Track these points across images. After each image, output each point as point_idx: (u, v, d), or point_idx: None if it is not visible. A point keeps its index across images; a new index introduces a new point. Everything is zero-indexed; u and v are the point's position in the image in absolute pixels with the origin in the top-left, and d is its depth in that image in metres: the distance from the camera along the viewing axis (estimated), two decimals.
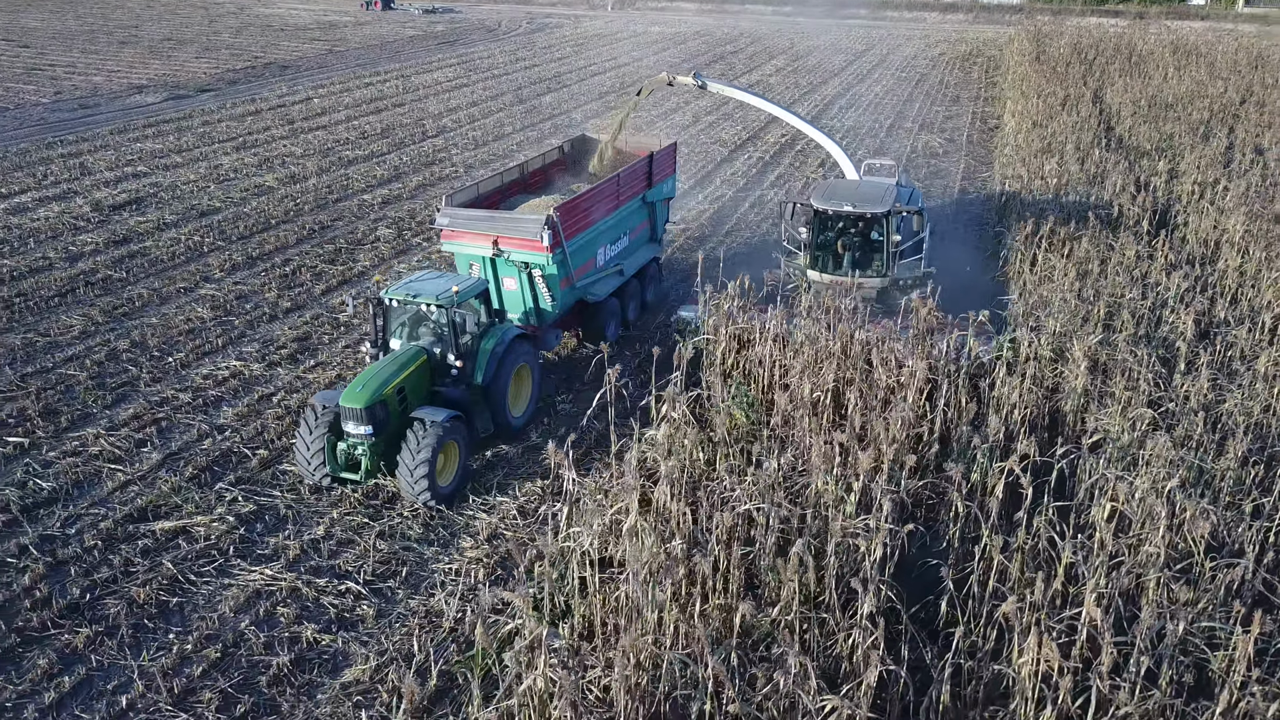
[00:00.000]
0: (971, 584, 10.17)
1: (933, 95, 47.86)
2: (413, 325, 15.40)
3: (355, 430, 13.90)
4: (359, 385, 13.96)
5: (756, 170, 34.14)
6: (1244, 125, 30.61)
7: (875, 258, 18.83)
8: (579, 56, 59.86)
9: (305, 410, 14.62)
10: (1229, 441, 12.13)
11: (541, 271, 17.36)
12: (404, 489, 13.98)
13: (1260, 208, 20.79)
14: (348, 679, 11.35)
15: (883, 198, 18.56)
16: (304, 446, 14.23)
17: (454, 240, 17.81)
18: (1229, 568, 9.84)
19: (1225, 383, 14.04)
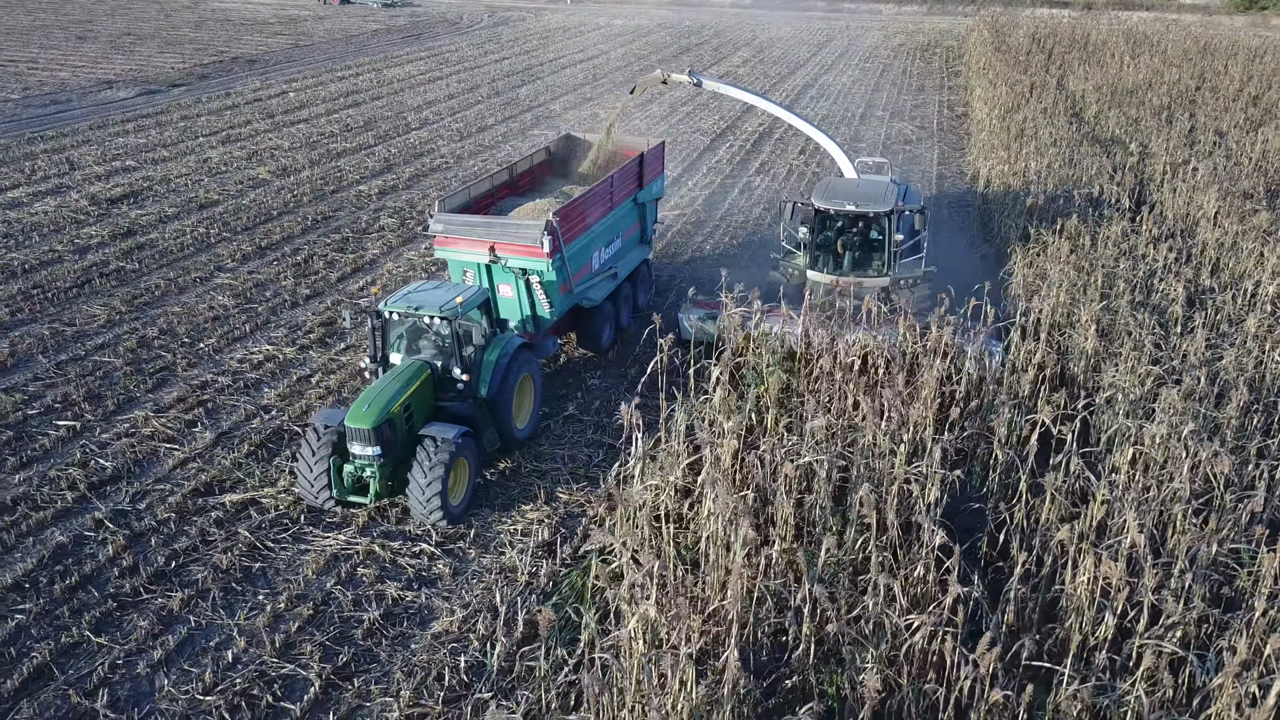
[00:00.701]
0: (1019, 521, 11.24)
1: (898, 84, 49.28)
2: (413, 338, 14.78)
3: (362, 451, 13.35)
4: (364, 404, 13.34)
5: (739, 158, 35.14)
6: (1203, 110, 32.29)
7: (876, 257, 18.55)
8: (546, 50, 60.38)
9: (306, 431, 13.90)
10: (1231, 393, 13.37)
11: (540, 278, 16.92)
12: (415, 510, 13.57)
13: (1230, 186, 22.25)
14: (437, 630, 12.13)
15: (885, 196, 18.32)
16: (306, 469, 13.65)
17: (447, 247, 17.30)
18: (1246, 500, 11.03)
19: (1219, 342, 15.33)
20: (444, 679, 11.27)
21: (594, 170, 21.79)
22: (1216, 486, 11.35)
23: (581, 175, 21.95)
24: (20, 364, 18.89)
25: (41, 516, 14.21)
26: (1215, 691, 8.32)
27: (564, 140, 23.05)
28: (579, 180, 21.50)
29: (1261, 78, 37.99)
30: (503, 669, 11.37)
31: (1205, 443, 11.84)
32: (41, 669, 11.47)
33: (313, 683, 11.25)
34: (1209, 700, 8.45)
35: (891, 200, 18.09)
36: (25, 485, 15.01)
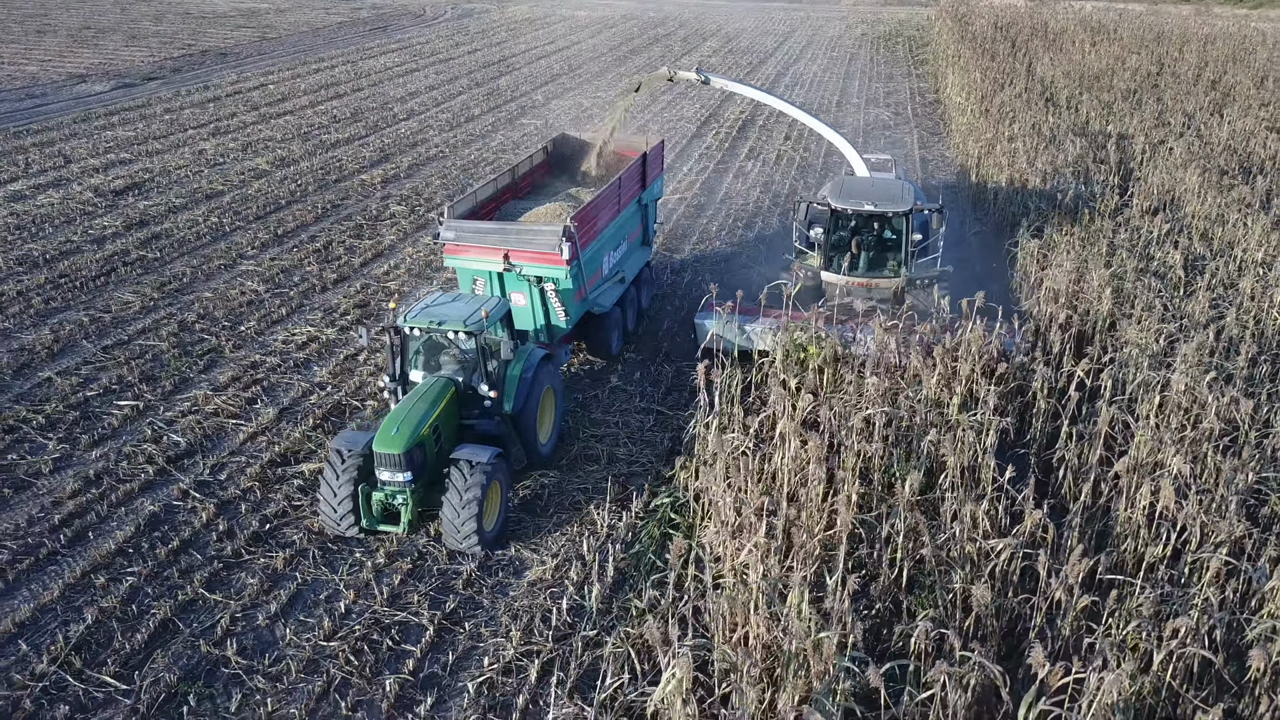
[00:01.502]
0: (1069, 460, 12.42)
1: (867, 73, 50.69)
2: (433, 354, 14.08)
3: (392, 477, 12.71)
4: (392, 427, 12.67)
5: (727, 144, 36.17)
6: (1167, 93, 34.03)
7: (891, 257, 18.27)
8: (516, 41, 60.89)
9: (327, 456, 13.03)
10: (1241, 346, 14.72)
11: (555, 285, 16.41)
12: (448, 537, 12.89)
13: (1206, 163, 23.80)
14: (532, 578, 13.00)
15: (903, 196, 18.04)
16: (330, 498, 12.89)
17: (458, 255, 16.64)
18: (1270, 435, 12.31)
19: (1219, 302, 16.72)
20: (549, 619, 12.14)
21: (596, 171, 21.23)
22: (1242, 425, 12.63)
23: (583, 176, 21.31)
24: (66, 349, 19.29)
25: (128, 488, 14.78)
26: (1269, 593, 9.52)
27: (560, 139, 22.26)
28: (581, 181, 20.99)
29: (1216, 62, 39.94)
30: (600, 609, 12.27)
31: (1224, 388, 13.12)
32: (165, 623, 12.13)
33: (426, 627, 12.06)
34: (1263, 602, 9.65)
35: (910, 200, 17.87)
36: (103, 461, 15.54)
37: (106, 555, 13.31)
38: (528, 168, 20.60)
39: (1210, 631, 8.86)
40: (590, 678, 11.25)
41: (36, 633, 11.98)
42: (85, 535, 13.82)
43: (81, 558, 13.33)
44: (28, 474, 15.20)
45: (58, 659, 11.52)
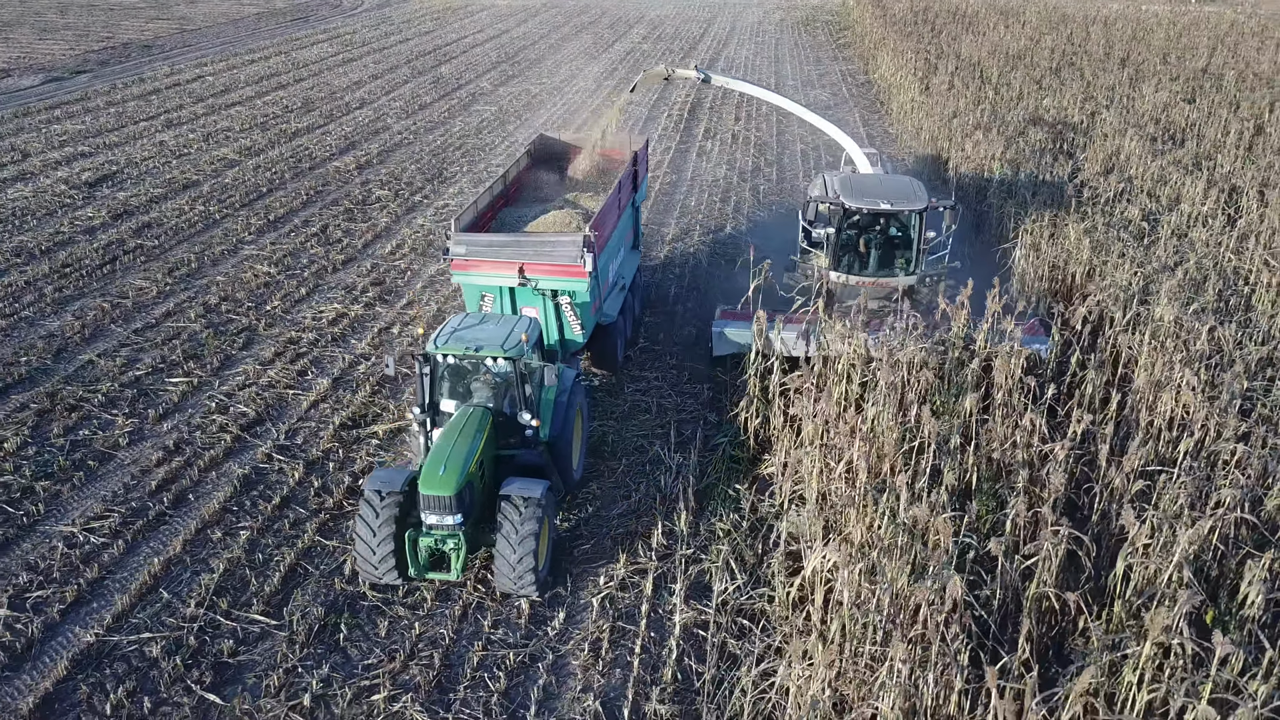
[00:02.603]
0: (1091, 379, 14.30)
1: (795, 57, 52.80)
2: (464, 381, 13.04)
3: (440, 521, 11.73)
4: (438, 466, 11.69)
5: (681, 126, 37.65)
6: (1086, 71, 36.84)
7: (902, 255, 17.63)
8: (445, 30, 61.23)
9: (362, 502, 11.91)
10: (1207, 283, 16.92)
11: (572, 299, 15.57)
12: (502, 581, 11.91)
13: (1139, 131, 26.32)
14: (622, 510, 14.31)
15: (916, 193, 17.41)
16: (367, 547, 11.77)
17: (468, 270, 15.62)
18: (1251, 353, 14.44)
19: (1181, 248, 18.98)
20: (650, 541, 13.49)
21: (586, 174, 20.42)
22: (1225, 346, 14.74)
23: (571, 179, 20.41)
24: (96, 334, 19.66)
25: (212, 455, 15.52)
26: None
27: (540, 141, 21.34)
28: (570, 185, 20.12)
29: (1122, 42, 43.17)
30: (689, 531, 13.68)
31: (1204, 316, 15.23)
32: (293, 567, 13.05)
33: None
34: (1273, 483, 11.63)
35: (924, 197, 17.22)
36: (175, 433, 16.20)
37: (214, 514, 14.09)
38: (516, 172, 19.53)
39: (1241, 503, 10.74)
40: (697, 588, 12.65)
41: (172, 583, 12.77)
42: (185, 498, 14.55)
43: (189, 517, 14.09)
44: (105, 447, 15.77)
45: (203, 602, 12.35)
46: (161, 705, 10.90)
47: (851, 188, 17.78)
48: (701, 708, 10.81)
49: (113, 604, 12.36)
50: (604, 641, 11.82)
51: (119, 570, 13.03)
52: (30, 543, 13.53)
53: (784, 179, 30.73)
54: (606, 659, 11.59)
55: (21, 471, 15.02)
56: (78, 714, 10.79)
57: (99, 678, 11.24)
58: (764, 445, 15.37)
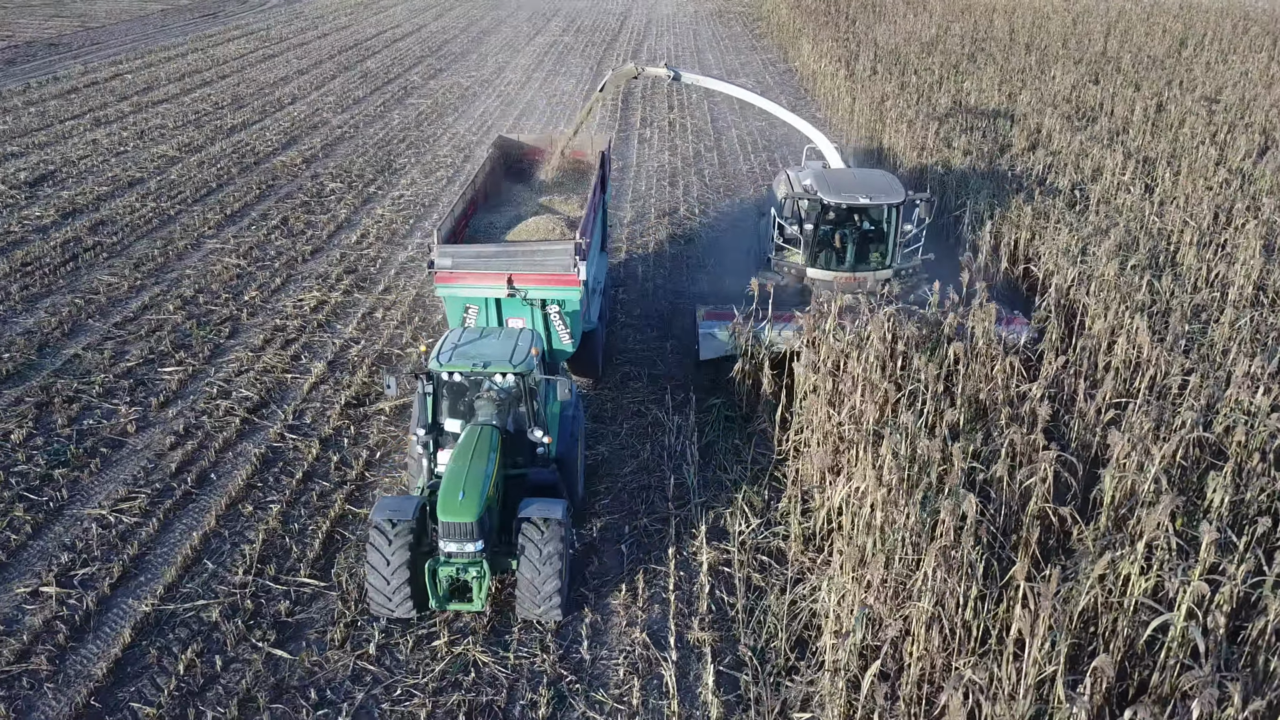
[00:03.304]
0: (1049, 331, 15.84)
1: (714, 47, 54.22)
2: (462, 398, 12.50)
3: (462, 548, 11.27)
4: (456, 491, 11.21)
5: (617, 115, 38.59)
6: (998, 55, 39.02)
7: (879, 249, 17.69)
8: (362, 25, 60.90)
9: (371, 532, 11.29)
10: (1138, 243, 18.72)
11: (561, 308, 15.15)
12: (526, 605, 11.50)
13: (1054, 109, 28.35)
14: (634, 467, 15.26)
15: (892, 187, 17.44)
16: (382, 579, 11.23)
17: (453, 282, 15.10)
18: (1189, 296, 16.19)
19: (1111, 214, 20.81)
20: (665, 493, 14.50)
21: (554, 177, 20.26)
22: (1163, 294, 16.47)
23: (539, 181, 20.22)
24: (77, 329, 19.70)
25: (225, 436, 15.93)
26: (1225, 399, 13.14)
27: (500, 143, 20.98)
28: (538, 188, 19.95)
29: (1024, 28, 45.70)
30: (699, 483, 14.74)
31: (1143, 272, 16.95)
32: (329, 535, 13.65)
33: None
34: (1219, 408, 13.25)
35: (901, 190, 17.25)
36: (181, 419, 16.53)
37: (240, 490, 14.57)
38: (483, 176, 18.98)
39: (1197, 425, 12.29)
40: (714, 531, 13.71)
41: (213, 554, 13.26)
42: (208, 478, 14.97)
43: (216, 494, 14.54)
44: (115, 434, 16.03)
45: (250, 570, 12.90)
46: (231, 663, 11.46)
47: (828, 183, 17.58)
48: (739, 633, 11.87)
49: (160, 577, 12.80)
50: (639, 582, 12.79)
51: (158, 546, 13.45)
52: (61, 526, 13.82)
53: (725, 163, 31.97)
54: (644, 596, 12.56)
55: (35, 460, 15.21)
56: (150, 675, 11.28)
57: (164, 642, 11.73)
58: (754, 407, 16.47)
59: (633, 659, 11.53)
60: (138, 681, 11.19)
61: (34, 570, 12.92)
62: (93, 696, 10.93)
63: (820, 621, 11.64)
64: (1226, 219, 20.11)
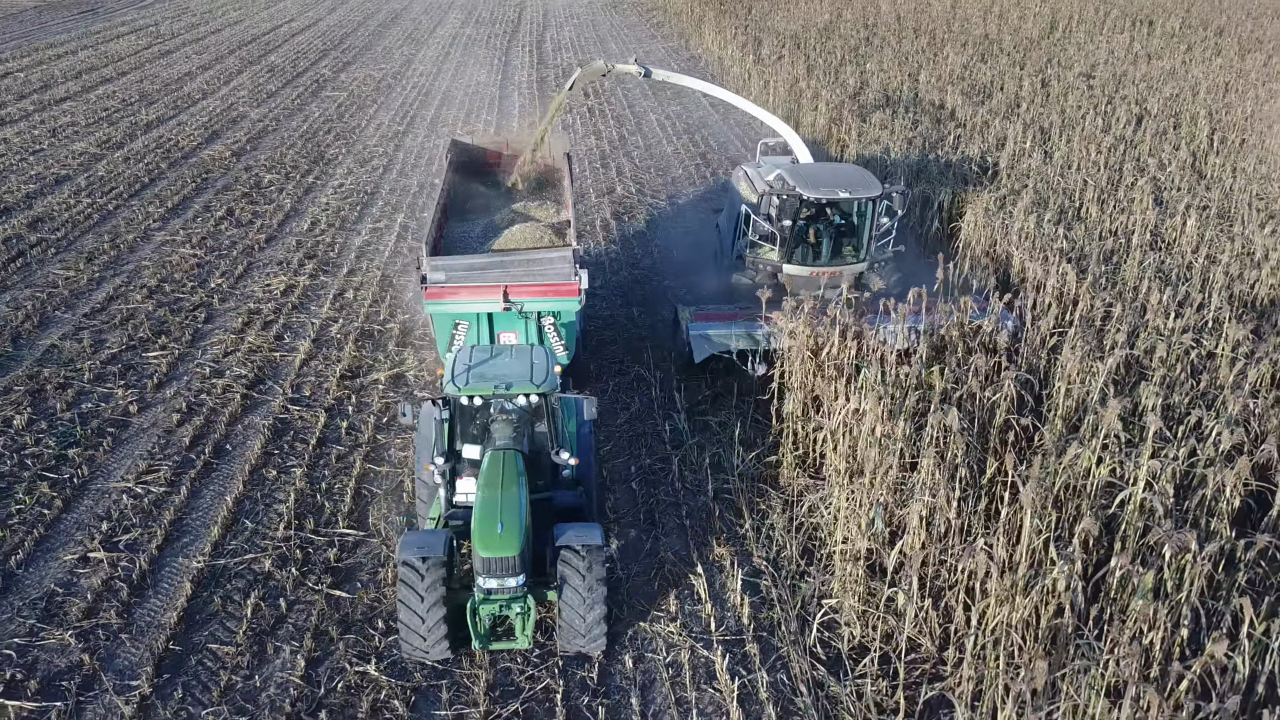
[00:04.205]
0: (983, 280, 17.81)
1: (616, 36, 55.57)
2: (474, 421, 11.87)
3: (503, 584, 10.61)
4: (493, 524, 10.54)
5: (537, 103, 39.62)
6: (892, 39, 41.53)
7: (853, 243, 17.77)
8: (254, 20, 60.08)
9: (402, 571, 10.57)
10: (1049, 201, 21.00)
11: (557, 319, 14.79)
12: (569, 638, 10.97)
13: (952, 87, 30.78)
14: (627, 417, 16.57)
15: (869, 181, 17.47)
16: (417, 619, 10.59)
17: (445, 299, 14.59)
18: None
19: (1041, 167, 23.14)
20: (663, 437, 15.86)
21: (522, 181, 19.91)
22: (1079, 243, 18.68)
23: (513, 186, 19.91)
24: (46, 321, 19.84)
25: (231, 410, 16.56)
26: None
27: (454, 148, 20.49)
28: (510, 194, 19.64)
29: (910, 13, 48.51)
30: (689, 427, 16.15)
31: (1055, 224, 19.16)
32: (356, 491, 14.53)
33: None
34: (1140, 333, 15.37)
35: (877, 184, 17.33)
36: (180, 398, 17.03)
37: (259, 458, 15.29)
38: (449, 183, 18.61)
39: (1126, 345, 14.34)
40: (714, 464, 15.14)
41: (249, 515, 14.01)
42: (223, 449, 15.63)
43: (235, 461, 15.24)
44: (118, 415, 16.48)
45: (289, 525, 13.72)
46: (294, 605, 12.32)
47: (804, 178, 17.46)
48: (751, 547, 13.35)
49: (203, 537, 13.50)
50: (654, 511, 14.13)
51: (192, 511, 14.11)
52: (90, 500, 14.32)
53: (650, 145, 33.39)
54: (660, 523, 13.91)
55: (45, 443, 15.57)
56: (220, 620, 12.06)
57: (225, 591, 12.50)
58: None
59: (663, 574, 12.86)
60: (209, 626, 11.96)
61: (75, 539, 13.44)
62: (170, 642, 11.65)
63: (823, 534, 13.20)
64: (1118, 178, 22.58)
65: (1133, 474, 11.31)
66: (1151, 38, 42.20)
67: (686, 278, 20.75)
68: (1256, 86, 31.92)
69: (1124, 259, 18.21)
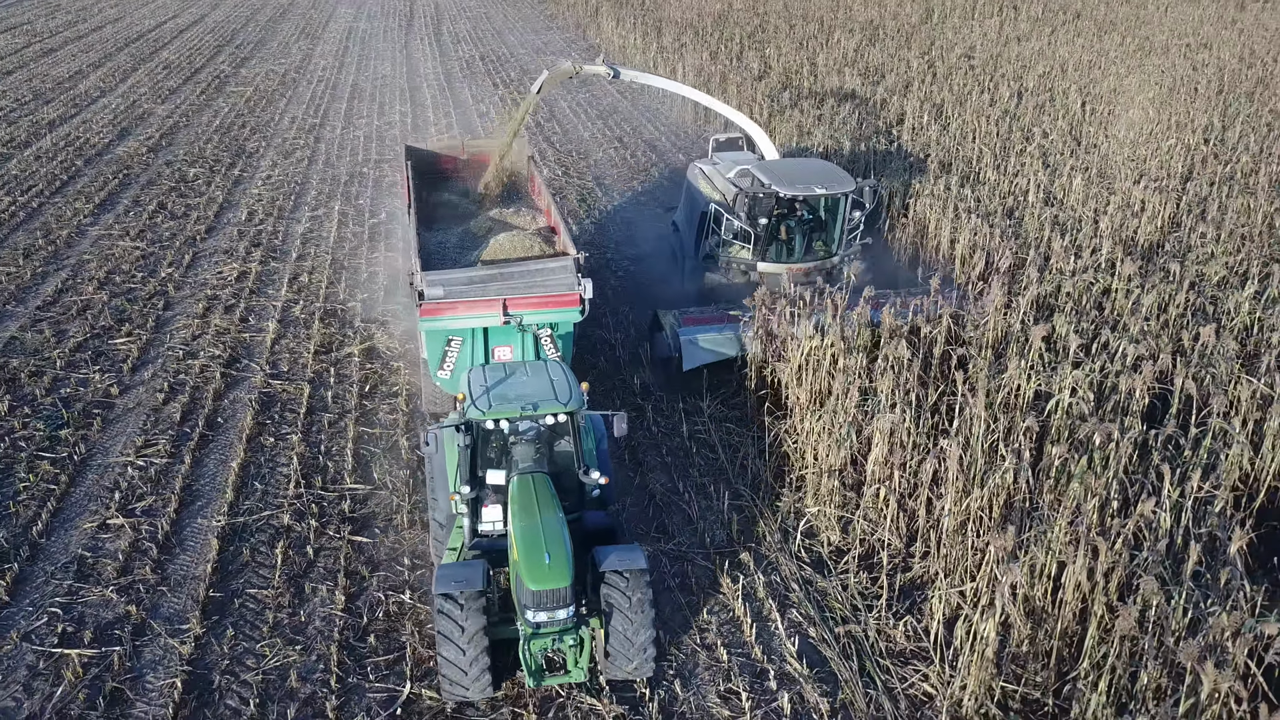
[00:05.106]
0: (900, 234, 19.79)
1: (512, 28, 56.41)
2: (491, 444, 11.34)
3: (553, 616, 10.12)
4: (540, 554, 10.03)
5: (448, 93, 40.32)
6: (784, 25, 43.73)
7: (824, 238, 17.90)
8: (134, 17, 58.66)
9: (440, 605, 10.04)
10: (953, 165, 23.18)
11: (554, 330, 14.39)
12: (621, 666, 10.55)
13: (850, 70, 33.03)
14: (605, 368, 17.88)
15: (842, 176, 17.61)
16: (458, 656, 10.06)
17: (441, 314, 13.93)
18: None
19: (923, 145, 25.30)
20: (631, 389, 17.24)
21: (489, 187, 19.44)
22: (984, 202, 20.83)
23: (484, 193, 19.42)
24: None
25: (215, 388, 17.18)
26: None
27: (411, 154, 19.87)
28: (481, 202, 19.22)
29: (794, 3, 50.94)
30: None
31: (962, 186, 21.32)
32: (355, 452, 15.46)
33: None
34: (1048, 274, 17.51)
35: (850, 179, 17.53)
36: (159, 379, 17.51)
37: (253, 428, 16.01)
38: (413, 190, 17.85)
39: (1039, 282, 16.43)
40: (686, 410, 16.61)
41: (256, 478, 14.77)
42: (215, 422, 16.29)
43: (229, 432, 15.93)
44: (100, 397, 16.92)
45: (299, 484, 14.57)
46: (320, 551, 13.25)
47: (778, 176, 17.44)
48: (728, 477, 14.87)
49: (216, 500, 14.24)
50: (638, 451, 15.51)
51: (199, 478, 14.81)
52: (94, 474, 14.85)
53: (566, 130, 34.63)
54: (644, 462, 15.29)
55: (33, 426, 15.94)
56: (253, 569, 12.91)
57: (252, 544, 13.33)
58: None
59: (655, 503, 14.27)
60: (243, 575, 12.79)
61: (89, 510, 14.00)
62: (210, 590, 12.45)
63: (793, 459, 14.80)
64: (1009, 145, 25.00)
65: (1059, 385, 13.26)
66: (1019, 21, 45.54)
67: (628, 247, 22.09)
68: (1116, 63, 35.17)
69: (1024, 214, 20.44)
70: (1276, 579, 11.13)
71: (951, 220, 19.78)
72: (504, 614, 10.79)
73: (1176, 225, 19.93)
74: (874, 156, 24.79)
